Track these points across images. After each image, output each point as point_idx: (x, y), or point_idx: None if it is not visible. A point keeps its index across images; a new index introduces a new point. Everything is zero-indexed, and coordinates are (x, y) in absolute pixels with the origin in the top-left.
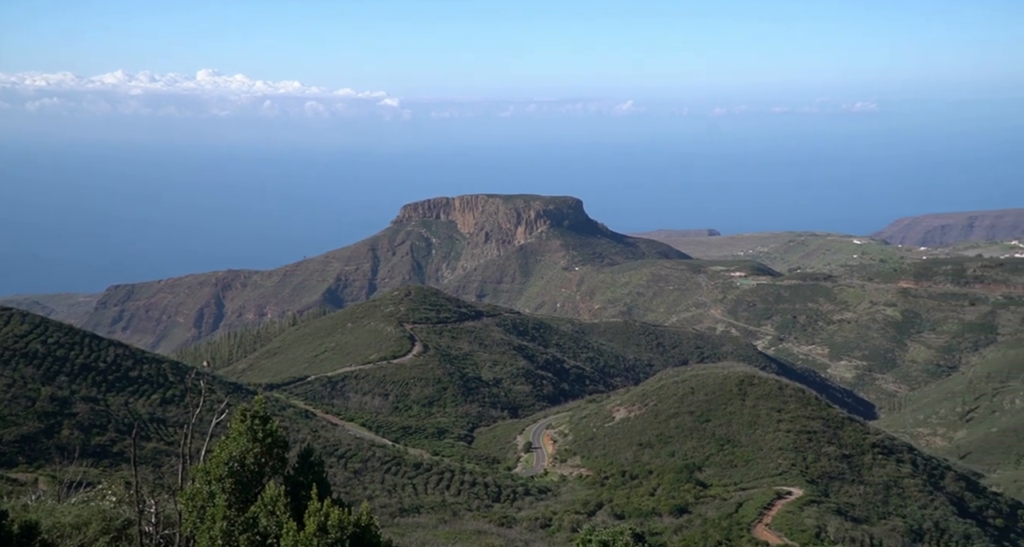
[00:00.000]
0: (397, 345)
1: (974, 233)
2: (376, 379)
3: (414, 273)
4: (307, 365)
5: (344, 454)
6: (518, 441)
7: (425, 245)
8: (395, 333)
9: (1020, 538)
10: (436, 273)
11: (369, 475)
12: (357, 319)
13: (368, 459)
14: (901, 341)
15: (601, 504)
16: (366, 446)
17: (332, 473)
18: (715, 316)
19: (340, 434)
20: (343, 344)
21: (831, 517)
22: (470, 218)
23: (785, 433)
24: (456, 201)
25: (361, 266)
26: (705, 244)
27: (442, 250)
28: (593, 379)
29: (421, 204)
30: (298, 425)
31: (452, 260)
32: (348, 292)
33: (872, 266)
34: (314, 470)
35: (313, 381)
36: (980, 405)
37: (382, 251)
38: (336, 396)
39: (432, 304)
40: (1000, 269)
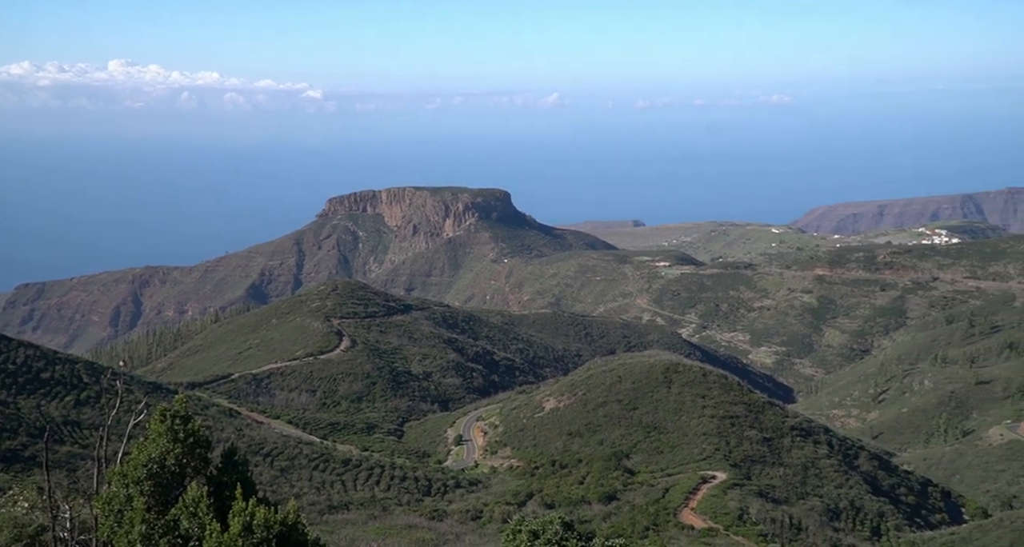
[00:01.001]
0: (324, 340)
1: (884, 221)
2: (303, 375)
3: (341, 267)
4: (231, 363)
5: (270, 452)
6: (449, 434)
7: (352, 239)
8: (322, 328)
9: (931, 514)
10: (363, 267)
11: (296, 473)
12: (282, 315)
13: (295, 457)
14: (817, 326)
15: (531, 494)
16: (293, 443)
17: (258, 472)
18: (641, 305)
19: (266, 432)
20: (268, 340)
21: (753, 499)
22: (397, 211)
23: (709, 419)
24: (383, 194)
25: (286, 261)
26: (631, 235)
27: (369, 244)
28: (523, 370)
29: (347, 197)
30: (222, 424)
31: (380, 254)
32: (273, 288)
33: (789, 254)
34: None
35: (237, 379)
36: (891, 387)
37: (307, 245)
38: (261, 394)
39: (360, 298)
40: (908, 255)
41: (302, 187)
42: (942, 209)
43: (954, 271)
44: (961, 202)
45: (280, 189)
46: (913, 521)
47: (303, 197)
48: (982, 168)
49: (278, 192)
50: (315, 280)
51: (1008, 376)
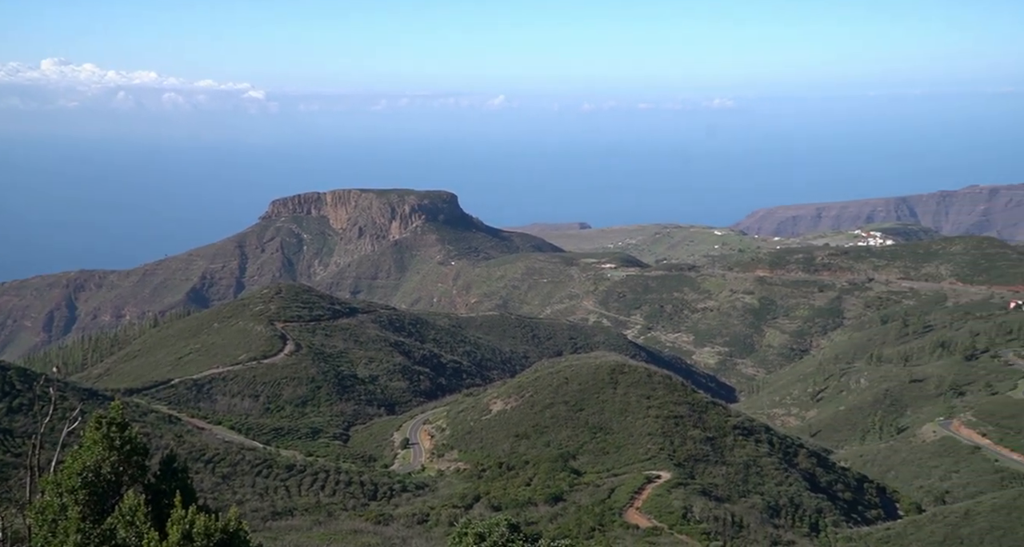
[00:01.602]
0: (268, 344)
1: (822, 223)
2: (246, 380)
3: (285, 270)
4: (170, 368)
5: (211, 459)
6: (395, 438)
7: (296, 241)
8: (265, 332)
9: (867, 510)
10: (308, 270)
11: (239, 479)
12: (224, 319)
13: (237, 463)
14: (758, 327)
15: (478, 497)
16: (235, 449)
17: (198, 479)
18: (587, 307)
19: (207, 438)
20: (210, 345)
21: (696, 498)
22: (343, 213)
23: (654, 419)
24: (328, 196)
25: (228, 264)
26: (577, 237)
27: (314, 246)
28: (470, 373)
29: (291, 199)
30: (161, 431)
31: (325, 256)
32: (214, 291)
33: (732, 256)
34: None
35: (177, 384)
36: (829, 385)
37: (250, 248)
38: (203, 399)
39: (304, 302)
40: (845, 257)
41: (245, 189)
42: (877, 211)
43: (888, 272)
44: (895, 205)
45: (222, 191)
46: (850, 517)
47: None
48: (915, 171)
49: (220, 194)
50: (258, 283)
51: (940, 374)
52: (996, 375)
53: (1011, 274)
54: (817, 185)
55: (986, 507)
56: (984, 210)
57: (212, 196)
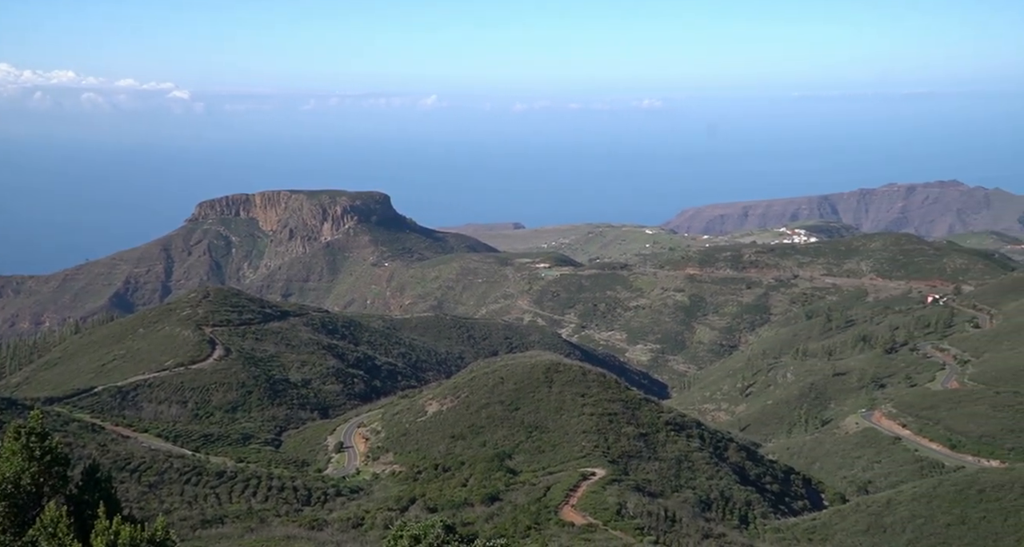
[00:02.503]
0: (196, 349)
1: (748, 221)
2: (173, 386)
3: (213, 274)
4: (93, 375)
5: (137, 468)
6: (329, 442)
7: (224, 244)
8: (193, 337)
9: (794, 501)
10: (237, 273)
11: (166, 488)
12: (150, 324)
13: (165, 471)
14: (689, 324)
15: (414, 499)
16: (162, 458)
17: (124, 488)
18: (522, 307)
19: (132, 447)
20: (135, 351)
21: (631, 494)
22: (273, 215)
23: (589, 416)
24: (257, 197)
25: (153, 268)
26: (511, 237)
27: (243, 249)
28: (406, 375)
29: (219, 201)
30: (84, 440)
31: (255, 259)
32: (139, 296)
33: (662, 254)
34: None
35: (101, 392)
36: (757, 380)
37: (176, 251)
38: (128, 407)
39: (234, 305)
40: (771, 254)
41: (170, 191)
42: (801, 209)
43: (812, 269)
44: (818, 203)
45: (146, 193)
46: (778, 508)
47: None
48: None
49: (143, 196)
50: (185, 287)
51: (862, 368)
52: (915, 367)
53: (928, 269)
54: (744, 184)
55: (907, 496)
56: (902, 207)
57: (136, 198)
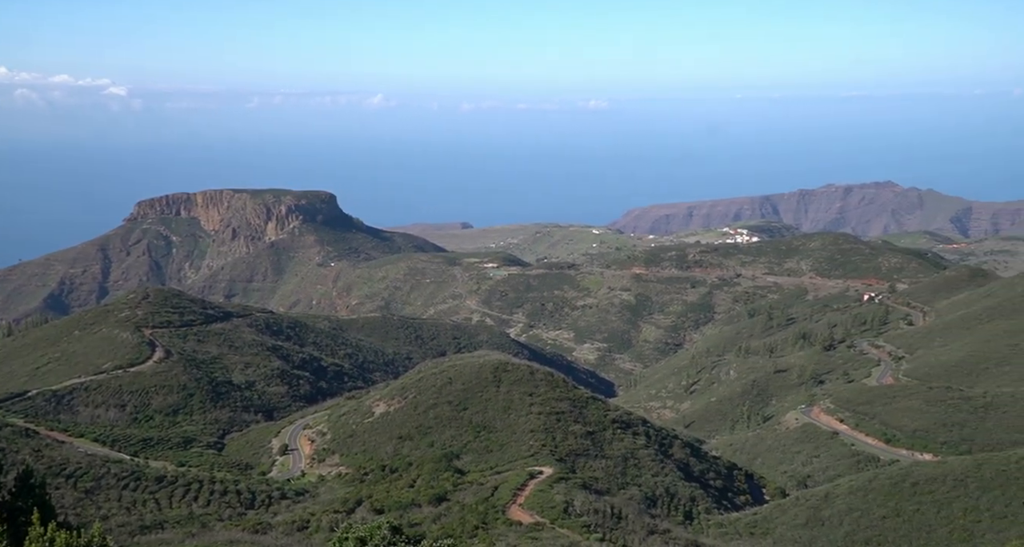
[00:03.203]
0: (135, 352)
1: (693, 222)
2: (111, 390)
3: (153, 274)
4: (27, 379)
5: (73, 473)
6: (274, 444)
7: (164, 244)
8: (132, 339)
9: (736, 496)
10: (178, 273)
11: (104, 493)
12: (87, 326)
13: (102, 476)
14: (635, 323)
15: (361, 501)
16: (99, 463)
17: (59, 495)
18: (471, 306)
19: (68, 452)
20: (70, 354)
21: (578, 492)
22: (215, 214)
23: (536, 415)
24: (199, 197)
25: (90, 268)
26: (459, 237)
27: (184, 249)
28: (352, 376)
29: (158, 200)
30: (16, 445)
31: (196, 259)
32: (75, 297)
33: (609, 254)
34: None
35: (35, 396)
36: (701, 378)
37: (114, 251)
38: (63, 411)
39: (174, 306)
40: (715, 254)
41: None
42: (743, 210)
43: (755, 268)
44: (760, 203)
45: (82, 192)
46: (721, 504)
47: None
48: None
49: (80, 195)
50: (123, 288)
51: (802, 364)
52: (852, 364)
53: (864, 268)
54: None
55: (844, 489)
56: (840, 208)
57: (72, 197)
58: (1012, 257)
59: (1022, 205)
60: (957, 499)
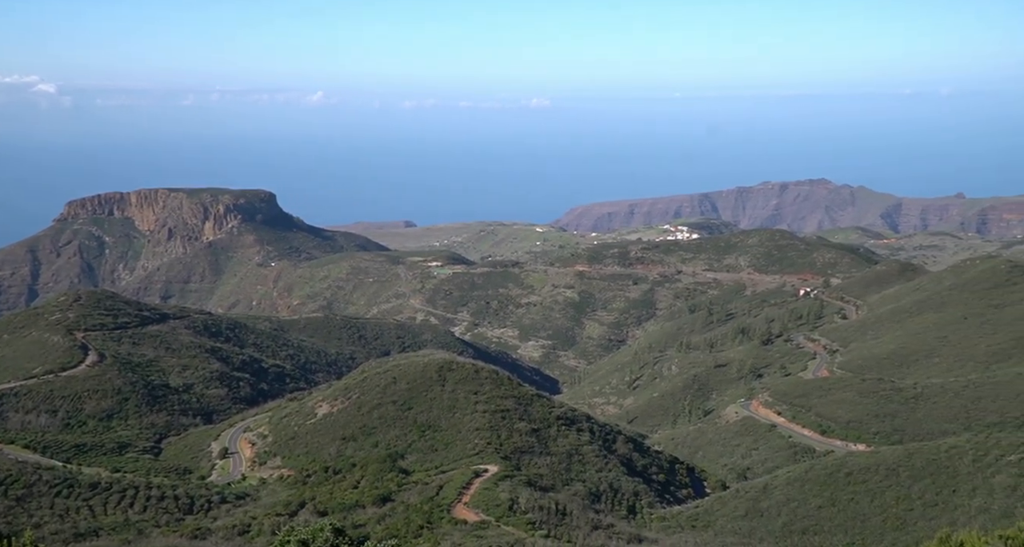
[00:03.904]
0: (66, 356)
1: (634, 219)
2: (41, 395)
3: (85, 276)
4: None
5: (3, 481)
6: (213, 448)
7: (97, 245)
8: (63, 343)
9: (678, 490)
10: (112, 275)
11: (35, 501)
12: (15, 329)
13: (33, 483)
14: (579, 320)
15: (304, 503)
16: (30, 470)
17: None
18: (415, 305)
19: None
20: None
21: (523, 489)
22: (150, 214)
23: (482, 414)
24: (132, 196)
25: (18, 270)
26: (402, 235)
27: (118, 250)
28: (294, 377)
29: (90, 200)
30: None
31: (131, 260)
32: (3, 300)
33: (553, 252)
34: None
35: None
36: (644, 374)
37: (43, 253)
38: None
39: (108, 309)
40: (656, 251)
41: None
42: (683, 207)
43: (695, 264)
44: (699, 200)
45: (9, 192)
46: (663, 497)
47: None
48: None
49: (7, 195)
50: (54, 291)
51: (741, 359)
52: (789, 357)
53: (800, 263)
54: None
55: (781, 481)
56: (776, 205)
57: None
58: (940, 252)
59: (949, 201)
60: (889, 488)
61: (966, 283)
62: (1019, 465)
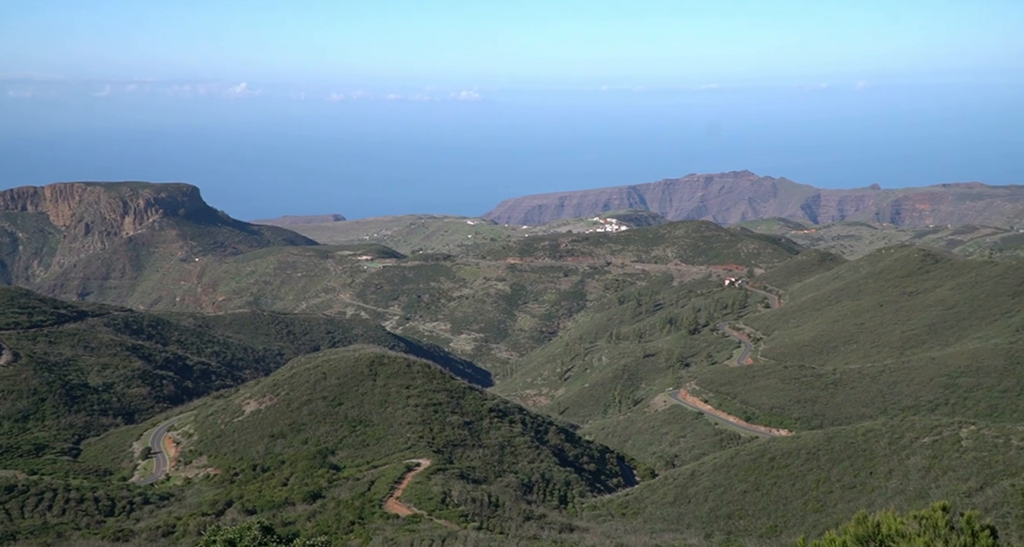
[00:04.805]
0: None
1: (565, 212)
2: None
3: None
4: None
5: None
6: (135, 448)
7: (10, 241)
8: None
9: (609, 478)
10: (26, 272)
11: None
12: None
13: None
14: (511, 312)
15: (231, 502)
16: None
17: None
18: (345, 300)
19: None
20: None
21: (455, 482)
22: (66, 209)
23: (414, 408)
24: (47, 190)
25: None
26: (331, 229)
27: (32, 246)
28: (220, 374)
29: (1, 194)
30: None
31: (46, 256)
32: None
33: (484, 245)
34: None
35: None
36: (575, 364)
37: None
38: None
39: (22, 307)
40: (586, 243)
41: None
42: (612, 199)
43: (624, 256)
44: (627, 193)
45: None
46: (594, 486)
47: None
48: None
49: None
50: None
51: (669, 348)
52: (715, 346)
53: (725, 254)
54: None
55: (708, 467)
56: (701, 196)
57: None
58: (856, 241)
59: (865, 192)
60: (810, 472)
61: (881, 272)
62: (932, 447)
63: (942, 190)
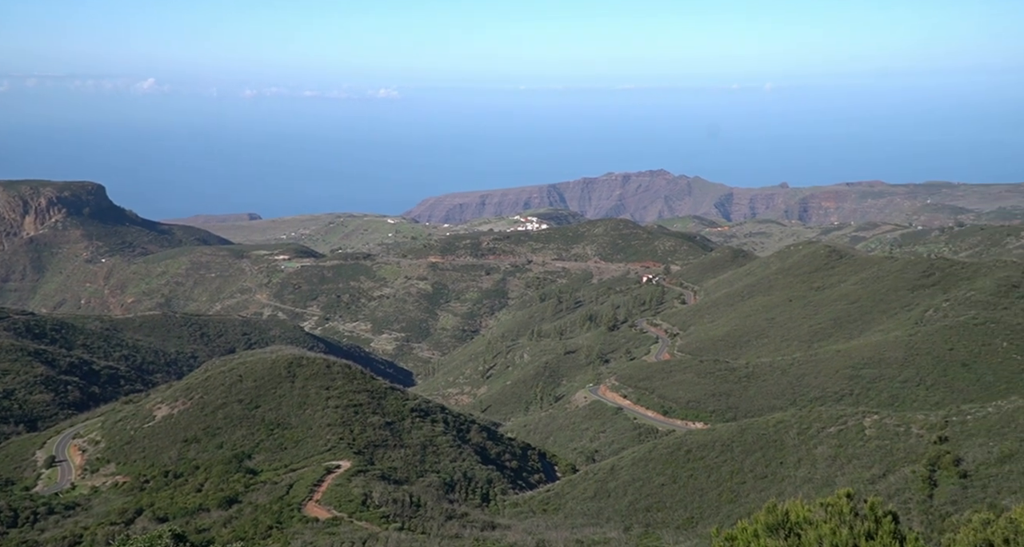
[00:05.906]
0: None
1: (486, 210)
2: None
3: None
4: None
5: None
6: (38, 457)
7: None
8: None
9: (530, 475)
10: None
11: None
12: None
13: None
14: (433, 311)
15: (141, 510)
16: None
17: None
18: (261, 301)
19: None
20: None
21: (376, 483)
22: None
23: (334, 409)
24: None
25: None
26: (247, 228)
27: None
28: (129, 379)
29: None
30: None
31: None
32: None
33: (405, 244)
34: None
35: None
36: (497, 362)
37: None
38: None
39: None
40: (507, 241)
41: None
42: (533, 198)
43: (544, 254)
44: (547, 191)
45: None
46: (516, 484)
47: None
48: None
49: None
50: None
51: (589, 345)
52: (634, 342)
53: (643, 252)
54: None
55: (627, 461)
56: (619, 195)
57: None
58: (767, 238)
59: (775, 190)
60: (725, 463)
61: (790, 268)
62: (838, 436)
63: (846, 189)
